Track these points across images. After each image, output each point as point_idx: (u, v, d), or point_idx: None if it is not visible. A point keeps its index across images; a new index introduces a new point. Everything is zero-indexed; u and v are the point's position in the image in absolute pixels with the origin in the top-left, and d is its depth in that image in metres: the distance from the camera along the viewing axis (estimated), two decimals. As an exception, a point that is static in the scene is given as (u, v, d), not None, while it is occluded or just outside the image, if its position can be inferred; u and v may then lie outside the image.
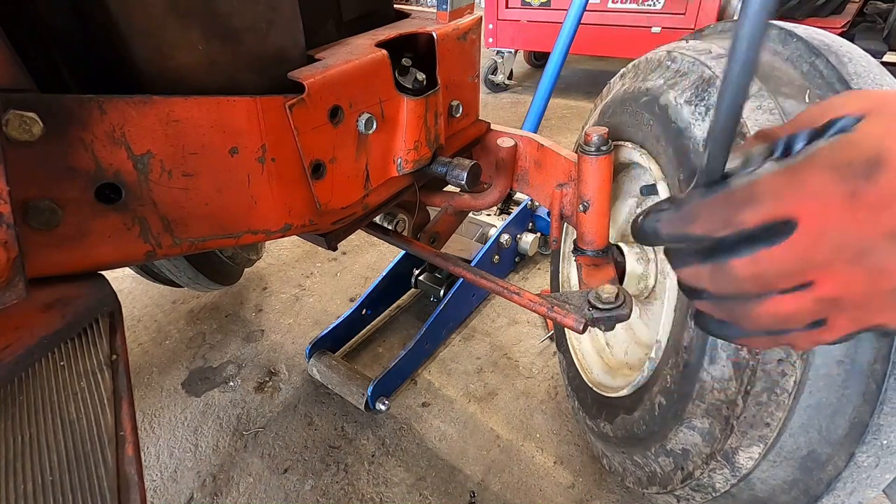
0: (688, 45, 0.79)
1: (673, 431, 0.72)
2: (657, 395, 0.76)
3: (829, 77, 0.63)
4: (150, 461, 1.14)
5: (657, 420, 0.76)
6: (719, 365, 0.63)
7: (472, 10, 0.87)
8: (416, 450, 1.15)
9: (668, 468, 0.75)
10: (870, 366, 0.56)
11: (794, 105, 0.62)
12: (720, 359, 0.63)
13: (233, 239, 0.61)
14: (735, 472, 0.65)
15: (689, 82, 0.71)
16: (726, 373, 0.62)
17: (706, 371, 0.64)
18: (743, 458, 0.63)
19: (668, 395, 0.73)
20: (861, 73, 0.62)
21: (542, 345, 1.41)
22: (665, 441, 0.74)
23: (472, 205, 1.01)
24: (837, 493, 0.61)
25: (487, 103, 3.31)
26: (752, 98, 0.63)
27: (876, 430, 0.57)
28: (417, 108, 0.75)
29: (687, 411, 0.68)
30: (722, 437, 0.64)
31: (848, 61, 0.63)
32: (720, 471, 0.66)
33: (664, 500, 0.80)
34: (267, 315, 1.57)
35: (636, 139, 0.83)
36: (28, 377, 0.44)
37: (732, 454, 0.64)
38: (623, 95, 0.88)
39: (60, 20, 0.50)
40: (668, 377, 0.72)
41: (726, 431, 0.63)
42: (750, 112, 0.62)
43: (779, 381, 0.58)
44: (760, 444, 0.61)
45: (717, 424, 0.65)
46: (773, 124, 0.60)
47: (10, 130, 0.40)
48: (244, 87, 0.59)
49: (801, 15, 2.68)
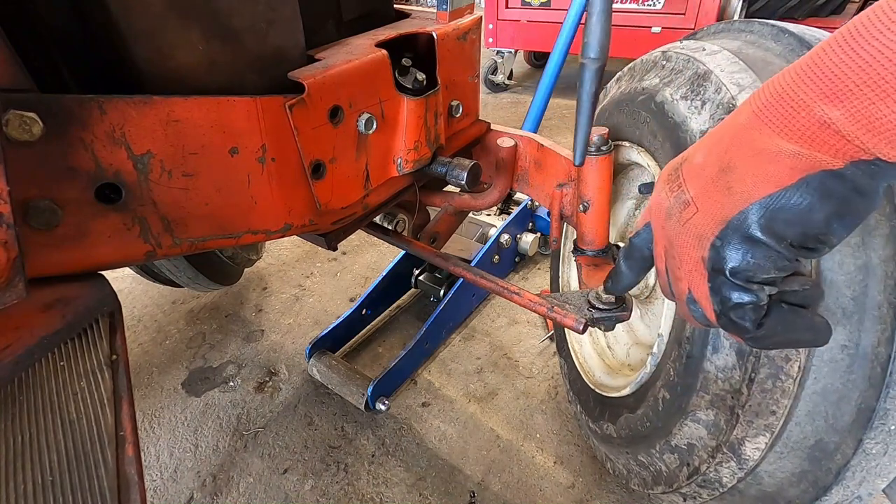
0: (682, 45, 0.80)
1: (677, 426, 0.71)
2: (661, 390, 0.75)
3: None
4: (150, 461, 1.14)
5: (661, 415, 0.75)
6: (722, 354, 0.63)
7: (472, 10, 0.87)
8: (416, 450, 1.15)
9: (674, 465, 0.75)
10: (874, 349, 0.55)
11: None
12: (723, 347, 0.62)
13: (233, 239, 0.61)
14: (742, 464, 0.64)
15: (685, 79, 0.72)
16: (730, 361, 0.62)
17: (709, 361, 0.64)
18: (749, 449, 0.62)
19: (671, 389, 0.72)
20: None
21: (542, 345, 1.41)
22: (670, 437, 0.74)
23: (472, 205, 1.01)
24: (846, 483, 0.60)
25: (487, 103, 3.31)
26: (748, 89, 0.64)
27: (883, 415, 0.56)
28: (417, 108, 0.75)
29: (691, 404, 0.68)
30: (727, 428, 0.63)
31: None
32: (727, 464, 0.65)
33: (670, 500, 0.79)
34: (267, 315, 1.57)
35: (633, 138, 0.84)
36: (28, 377, 0.44)
37: (739, 445, 0.63)
38: (619, 97, 0.88)
39: (60, 20, 0.50)
40: (672, 370, 0.72)
41: (731, 422, 0.63)
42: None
43: (783, 367, 0.58)
44: (767, 433, 0.61)
45: (723, 415, 0.64)
46: None
47: (10, 130, 0.40)
48: (244, 87, 0.59)
49: (800, 15, 2.68)
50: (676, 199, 0.41)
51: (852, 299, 0.55)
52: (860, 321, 0.55)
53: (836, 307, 0.56)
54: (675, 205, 0.42)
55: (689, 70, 0.72)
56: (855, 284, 0.55)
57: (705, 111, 0.67)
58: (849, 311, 0.55)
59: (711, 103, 0.67)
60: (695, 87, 0.70)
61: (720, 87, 0.66)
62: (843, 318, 0.56)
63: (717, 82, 0.66)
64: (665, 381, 0.74)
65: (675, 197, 0.42)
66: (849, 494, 0.61)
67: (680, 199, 0.41)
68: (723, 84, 0.66)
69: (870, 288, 0.55)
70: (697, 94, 0.69)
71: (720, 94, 0.66)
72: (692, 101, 0.70)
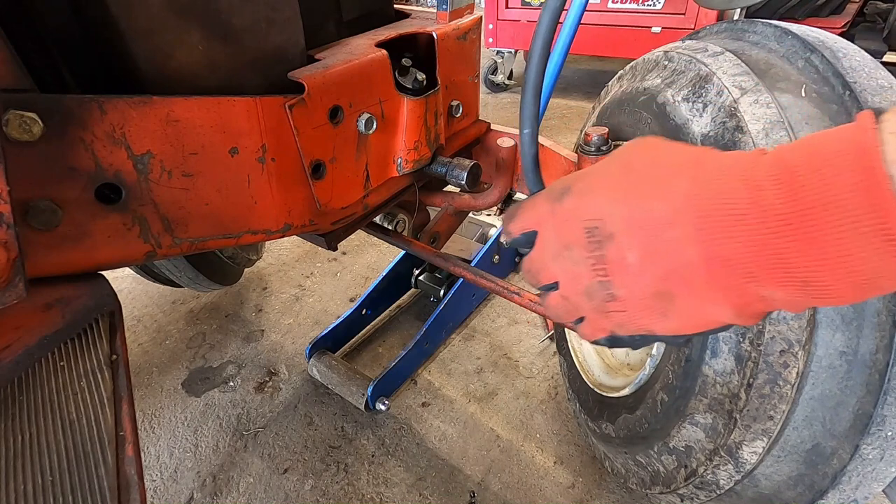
0: (684, 45, 0.80)
1: (676, 428, 0.72)
2: (659, 392, 0.75)
3: (825, 71, 0.64)
4: (150, 461, 1.14)
5: (660, 417, 0.76)
6: (721, 358, 0.63)
7: (472, 10, 0.87)
8: (416, 450, 1.15)
9: (672, 466, 0.75)
10: (872, 356, 0.55)
11: (790, 99, 0.63)
12: (722, 352, 0.63)
13: (233, 239, 0.61)
14: (739, 467, 0.64)
15: (687, 80, 0.72)
16: (728, 366, 0.62)
17: (708, 365, 0.64)
18: (747, 452, 0.63)
19: (670, 392, 0.73)
20: (856, 67, 0.62)
21: (542, 345, 1.41)
22: (668, 438, 0.74)
23: (472, 205, 1.01)
24: (843, 487, 0.60)
25: (487, 103, 3.30)
26: (750, 93, 0.63)
27: (880, 421, 0.56)
28: (417, 109, 0.75)
29: (689, 407, 0.68)
30: (725, 432, 0.64)
31: (843, 56, 0.63)
32: (724, 467, 0.66)
33: (667, 501, 0.80)
34: (267, 315, 1.57)
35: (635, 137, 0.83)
36: (28, 377, 0.44)
37: (736, 449, 0.63)
38: (621, 97, 0.88)
39: (60, 20, 0.50)
40: (670, 373, 0.72)
41: (729, 426, 0.63)
42: (748, 106, 0.62)
43: (781, 373, 0.58)
44: (764, 437, 0.61)
45: (720, 419, 0.64)
46: (769, 118, 0.61)
47: (10, 130, 0.40)
48: (244, 87, 0.59)
49: (801, 15, 2.68)
50: (601, 286, 0.39)
51: (852, 306, 0.55)
52: (859, 328, 0.55)
53: (836, 314, 0.56)
54: (598, 290, 0.39)
55: (690, 71, 0.72)
56: None
57: (707, 114, 0.67)
58: (848, 317, 0.56)
59: (713, 106, 0.67)
60: (697, 88, 0.70)
61: (722, 90, 0.66)
62: (843, 324, 0.56)
63: (719, 85, 0.67)
64: (664, 384, 0.74)
65: (600, 283, 0.39)
66: (845, 498, 0.61)
67: (606, 289, 0.39)
68: (724, 87, 0.66)
69: None
70: (699, 96, 0.69)
71: (722, 97, 0.66)
72: (694, 104, 0.70)
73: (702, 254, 0.33)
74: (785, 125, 0.60)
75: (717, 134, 0.65)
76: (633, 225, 0.37)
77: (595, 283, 0.39)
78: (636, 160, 0.39)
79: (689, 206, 0.34)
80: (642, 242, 0.36)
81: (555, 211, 0.41)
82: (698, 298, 0.35)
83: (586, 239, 0.39)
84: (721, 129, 0.65)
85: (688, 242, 0.34)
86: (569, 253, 0.40)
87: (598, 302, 0.40)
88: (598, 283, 0.39)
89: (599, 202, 0.39)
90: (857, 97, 0.59)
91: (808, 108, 0.62)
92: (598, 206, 0.39)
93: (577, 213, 0.40)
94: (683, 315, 0.37)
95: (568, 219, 0.40)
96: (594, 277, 0.39)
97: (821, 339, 0.57)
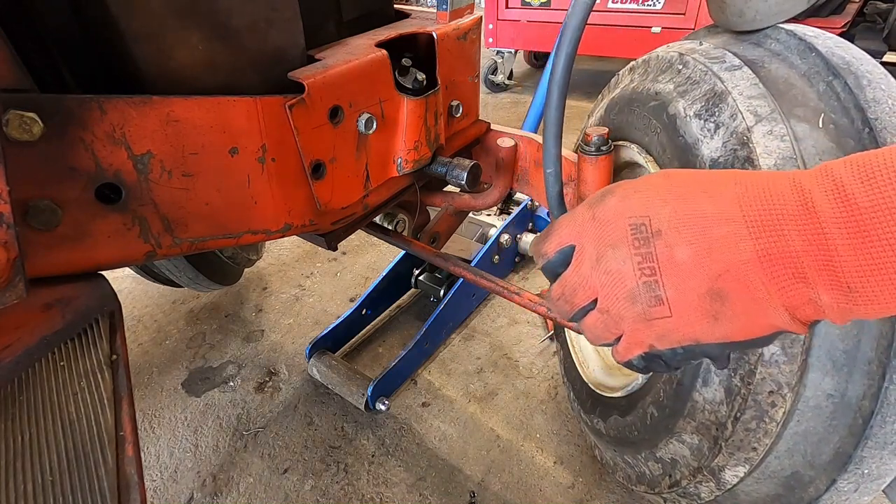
0: (701, 50, 0.75)
1: (663, 442, 0.73)
2: (650, 406, 0.77)
3: (846, 101, 0.60)
4: (150, 461, 1.14)
5: (648, 429, 0.77)
6: (711, 388, 0.64)
7: (472, 10, 0.87)
8: (416, 450, 1.15)
9: (657, 473, 0.76)
10: (858, 401, 0.56)
11: (806, 130, 0.60)
12: (713, 382, 0.63)
13: (233, 239, 0.61)
14: (720, 486, 0.66)
15: (700, 93, 0.69)
16: (718, 396, 0.63)
17: (698, 392, 0.65)
18: (729, 475, 0.64)
19: (660, 408, 0.74)
20: (879, 99, 0.58)
21: (542, 345, 1.41)
22: (655, 449, 0.75)
23: (472, 205, 1.01)
24: None
25: (487, 103, 3.30)
26: (764, 122, 0.61)
27: (859, 461, 0.58)
28: (417, 108, 0.75)
29: (677, 426, 0.69)
30: (710, 455, 0.65)
31: (867, 84, 0.60)
32: (706, 483, 0.67)
33: (652, 499, 0.81)
34: (267, 315, 1.57)
35: (643, 143, 0.81)
36: (28, 377, 0.44)
37: (719, 471, 0.65)
38: (631, 94, 0.85)
39: (60, 20, 0.50)
40: (662, 392, 0.73)
41: (714, 450, 0.64)
42: (761, 137, 0.60)
43: (768, 411, 0.59)
44: (746, 465, 0.62)
45: (706, 442, 0.66)
46: (782, 152, 0.58)
47: (10, 130, 0.40)
48: (244, 87, 0.59)
49: (801, 15, 2.67)
50: (647, 288, 0.37)
51: (844, 352, 0.56)
52: (849, 373, 0.56)
53: (828, 359, 0.56)
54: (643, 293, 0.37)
55: (705, 83, 0.69)
56: (849, 339, 0.55)
57: (718, 137, 0.64)
58: (839, 363, 0.56)
59: (725, 129, 0.64)
60: (710, 106, 0.67)
61: (736, 114, 0.63)
62: (833, 369, 0.56)
63: (734, 107, 0.63)
64: (654, 399, 0.75)
65: (646, 284, 0.37)
66: None
67: (652, 291, 0.37)
68: (739, 111, 0.63)
69: (862, 344, 0.55)
70: (712, 114, 0.66)
71: (735, 121, 0.63)
72: (706, 122, 0.66)
73: (756, 250, 0.33)
74: (797, 161, 0.58)
75: (727, 162, 0.62)
76: (682, 222, 0.36)
77: (641, 284, 0.37)
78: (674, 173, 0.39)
79: (739, 205, 0.34)
80: (693, 239, 0.35)
81: (595, 215, 0.40)
82: (752, 298, 0.34)
83: (632, 236, 0.37)
84: (731, 156, 0.62)
85: (741, 239, 0.34)
86: (613, 252, 0.38)
87: (643, 307, 0.38)
88: (643, 284, 0.37)
89: (644, 201, 0.38)
90: (877, 136, 0.56)
91: (823, 142, 0.59)
92: (644, 204, 0.38)
93: (621, 212, 0.38)
94: (736, 318, 0.35)
95: (611, 218, 0.39)
96: (640, 278, 0.37)
97: (810, 382, 0.57)
